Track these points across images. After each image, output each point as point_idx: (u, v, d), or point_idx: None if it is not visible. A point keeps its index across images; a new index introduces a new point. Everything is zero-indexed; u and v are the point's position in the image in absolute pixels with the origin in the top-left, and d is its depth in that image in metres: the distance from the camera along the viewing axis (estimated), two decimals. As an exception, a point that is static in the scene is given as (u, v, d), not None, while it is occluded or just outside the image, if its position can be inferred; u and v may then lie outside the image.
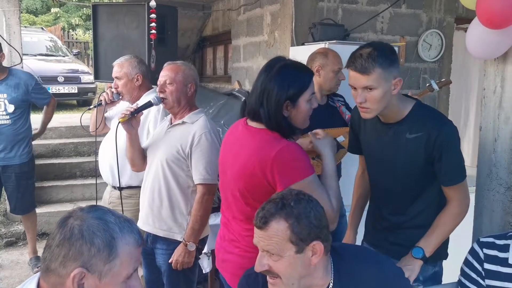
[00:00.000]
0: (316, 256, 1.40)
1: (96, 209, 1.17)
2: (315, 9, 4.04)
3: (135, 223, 1.22)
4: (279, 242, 1.37)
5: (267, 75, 1.82)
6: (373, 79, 1.78)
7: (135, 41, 4.09)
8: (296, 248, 1.37)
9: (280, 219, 1.37)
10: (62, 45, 11.45)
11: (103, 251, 1.11)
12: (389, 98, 1.83)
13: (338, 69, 2.89)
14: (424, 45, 4.50)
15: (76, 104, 9.97)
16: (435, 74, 4.65)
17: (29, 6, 17.36)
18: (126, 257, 1.14)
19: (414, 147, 1.87)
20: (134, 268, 1.18)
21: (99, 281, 1.12)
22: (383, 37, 4.35)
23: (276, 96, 1.77)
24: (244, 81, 5.37)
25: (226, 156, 1.94)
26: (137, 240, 1.18)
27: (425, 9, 4.52)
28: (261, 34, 4.85)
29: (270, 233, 1.37)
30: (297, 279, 1.41)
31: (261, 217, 1.39)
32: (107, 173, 3.05)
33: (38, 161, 5.64)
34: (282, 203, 1.39)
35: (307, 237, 1.38)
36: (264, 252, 1.41)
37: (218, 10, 6.32)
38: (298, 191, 1.46)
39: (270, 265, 1.40)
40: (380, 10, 4.16)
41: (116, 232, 1.14)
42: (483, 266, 1.73)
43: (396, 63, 1.83)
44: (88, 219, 1.13)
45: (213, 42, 6.92)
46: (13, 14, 5.24)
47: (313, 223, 1.39)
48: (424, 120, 1.87)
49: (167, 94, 2.46)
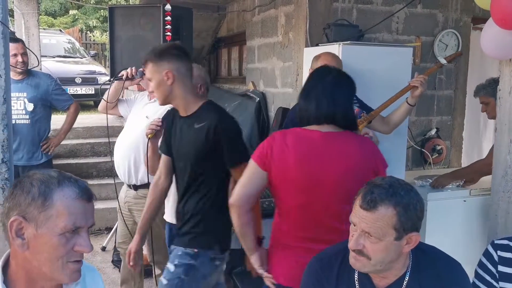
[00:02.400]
0: (409, 246, 1.47)
1: (48, 169, 1.24)
2: (329, 10, 4.03)
3: (83, 182, 1.23)
4: (382, 226, 1.42)
5: (329, 82, 1.93)
6: (148, 70, 2.27)
7: (151, 43, 4.11)
8: (396, 235, 1.43)
9: (390, 205, 1.42)
10: (80, 46, 11.61)
11: (37, 200, 1.15)
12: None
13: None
14: (440, 45, 4.46)
15: (93, 105, 10.09)
16: (451, 75, 4.60)
17: (48, 8, 17.60)
18: (62, 208, 1.16)
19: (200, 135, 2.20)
20: (75, 222, 1.17)
21: (36, 231, 1.15)
22: (398, 37, 4.32)
23: (349, 98, 1.96)
24: (258, 82, 5.38)
25: (311, 171, 1.85)
26: (77, 193, 1.19)
27: (441, 9, 4.47)
28: (275, 35, 4.86)
29: (376, 216, 1.42)
30: (386, 263, 1.47)
31: (370, 200, 1.43)
32: (123, 170, 3.10)
33: (56, 161, 5.72)
34: (392, 190, 1.44)
35: (409, 227, 1.44)
36: (363, 232, 1.44)
37: (233, 11, 6.34)
38: (405, 182, 1.50)
39: (366, 246, 1.44)
40: (395, 10, 4.13)
41: (54, 183, 1.17)
42: (497, 268, 1.72)
43: (167, 57, 2.24)
44: (33, 175, 1.19)
45: (228, 43, 6.95)
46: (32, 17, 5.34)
47: (417, 215, 1.45)
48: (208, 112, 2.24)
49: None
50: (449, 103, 4.63)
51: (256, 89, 5.36)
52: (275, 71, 4.88)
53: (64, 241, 1.16)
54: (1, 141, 1.84)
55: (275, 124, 4.52)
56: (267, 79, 5.12)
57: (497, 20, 1.86)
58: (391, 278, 1.53)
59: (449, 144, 4.65)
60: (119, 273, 3.71)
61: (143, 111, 3.12)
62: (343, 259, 1.57)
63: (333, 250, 1.65)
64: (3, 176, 1.85)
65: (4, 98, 1.84)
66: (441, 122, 4.60)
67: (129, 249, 2.54)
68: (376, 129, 3.07)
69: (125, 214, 3.19)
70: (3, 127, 1.84)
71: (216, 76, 7.37)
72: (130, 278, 3.33)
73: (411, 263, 1.55)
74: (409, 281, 1.53)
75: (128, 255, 2.51)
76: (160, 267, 3.25)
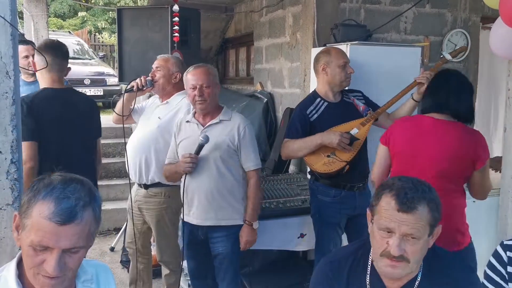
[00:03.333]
0: (433, 239, 1.50)
1: (65, 174, 1.22)
2: (337, 10, 4.03)
3: (70, 202, 1.15)
4: (423, 226, 1.43)
5: (454, 82, 2.40)
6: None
7: (159, 44, 4.14)
8: (430, 231, 1.45)
9: (424, 203, 1.44)
10: (89, 48, 11.69)
11: (24, 205, 1.18)
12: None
13: (344, 62, 2.91)
14: (449, 45, 4.43)
15: (101, 106, 10.16)
16: (460, 74, 4.57)
17: (57, 10, 17.72)
18: (34, 223, 1.14)
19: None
20: (40, 241, 1.13)
21: (21, 232, 1.19)
22: (406, 37, 4.30)
23: (471, 96, 2.39)
24: (266, 83, 5.38)
25: (415, 145, 2.37)
26: (50, 214, 1.12)
27: (450, 8, 4.45)
28: (283, 35, 4.86)
29: (417, 216, 1.42)
30: (420, 262, 1.49)
31: (407, 201, 1.42)
32: (134, 169, 3.12)
33: (65, 162, 5.74)
34: (422, 189, 1.46)
35: (437, 221, 1.47)
36: (403, 236, 1.43)
37: (241, 12, 6.35)
38: (417, 179, 1.52)
39: (406, 249, 1.43)
40: (403, 10, 4.11)
41: (41, 194, 1.16)
42: (506, 269, 1.71)
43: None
44: (49, 177, 1.20)
45: (236, 44, 6.95)
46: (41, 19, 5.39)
47: (440, 209, 1.48)
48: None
49: (205, 97, 2.65)
50: (458, 103, 4.59)
51: (264, 89, 5.36)
52: (283, 72, 4.88)
53: (33, 253, 1.15)
54: (10, 142, 1.86)
55: (282, 125, 4.52)
56: (275, 79, 5.12)
57: (506, 19, 1.85)
58: (403, 280, 1.53)
59: (458, 144, 4.61)
60: (127, 273, 3.72)
61: (155, 113, 3.14)
62: (353, 261, 1.57)
63: (342, 253, 1.65)
64: (12, 176, 1.86)
65: (13, 99, 1.86)
66: (450, 122, 4.56)
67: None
68: (383, 126, 3.07)
69: (135, 213, 3.21)
70: (12, 128, 1.86)
71: (224, 77, 7.38)
72: (138, 278, 3.34)
73: (422, 265, 1.54)
74: (421, 282, 1.52)
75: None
76: (168, 267, 3.26)
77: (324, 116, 2.90)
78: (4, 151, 1.85)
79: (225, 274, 2.75)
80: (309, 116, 2.90)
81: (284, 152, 2.95)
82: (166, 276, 3.29)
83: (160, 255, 3.23)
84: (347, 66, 2.92)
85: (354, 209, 2.91)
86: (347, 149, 2.77)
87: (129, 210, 3.26)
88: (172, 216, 3.17)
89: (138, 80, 3.06)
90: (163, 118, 3.07)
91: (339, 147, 2.75)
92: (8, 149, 1.85)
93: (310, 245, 3.36)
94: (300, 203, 3.41)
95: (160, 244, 3.20)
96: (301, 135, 2.87)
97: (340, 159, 2.81)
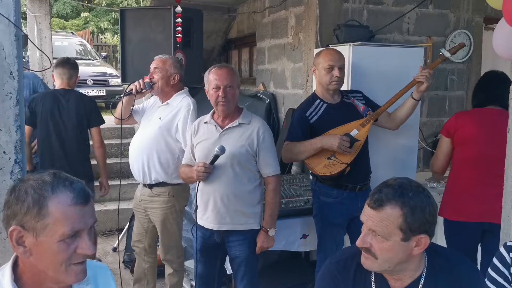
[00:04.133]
0: (418, 248, 1.46)
1: (42, 171, 1.20)
2: (339, 11, 4.03)
3: (80, 183, 1.21)
4: (388, 226, 1.42)
5: (501, 78, 2.92)
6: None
7: (161, 44, 4.15)
8: (403, 236, 1.43)
9: (396, 205, 1.42)
10: (91, 48, 11.70)
11: (32, 209, 1.14)
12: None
13: (329, 66, 2.85)
14: (452, 45, 4.42)
15: (104, 106, 10.16)
16: (463, 75, 4.57)
17: (60, 11, 17.77)
18: (59, 215, 1.15)
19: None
20: (73, 227, 1.17)
21: (35, 239, 1.16)
22: (409, 37, 4.30)
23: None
24: (268, 83, 5.39)
25: (487, 132, 2.77)
26: (72, 198, 1.17)
27: (453, 9, 4.44)
28: (285, 36, 4.86)
29: (382, 215, 1.43)
30: (394, 264, 1.47)
31: (376, 199, 1.44)
32: (138, 169, 3.13)
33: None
34: (401, 191, 1.44)
35: (417, 229, 1.43)
36: (369, 230, 1.46)
37: (243, 13, 6.35)
38: (418, 184, 1.50)
39: (373, 244, 1.45)
40: (406, 10, 4.11)
41: (47, 191, 1.16)
42: (509, 270, 1.70)
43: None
44: (28, 181, 1.18)
45: (238, 45, 6.96)
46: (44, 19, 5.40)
47: (426, 218, 1.44)
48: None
49: (229, 98, 2.60)
50: (460, 104, 4.59)
51: (266, 90, 5.36)
52: (285, 72, 4.88)
53: (65, 246, 1.17)
54: (14, 142, 1.87)
55: (285, 125, 4.52)
56: (277, 80, 5.12)
57: (509, 20, 1.84)
58: (407, 280, 1.53)
59: (461, 145, 4.60)
60: (130, 273, 3.73)
61: (156, 114, 3.15)
62: (359, 261, 1.57)
63: (349, 252, 1.65)
64: (16, 176, 1.87)
65: (17, 99, 1.87)
66: (452, 123, 4.56)
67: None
68: (383, 126, 3.06)
69: (140, 213, 3.21)
70: (16, 128, 1.87)
71: (227, 78, 7.37)
72: (143, 277, 3.36)
73: (426, 266, 1.54)
74: (425, 283, 1.52)
75: None
76: (172, 266, 3.27)
77: (324, 118, 2.89)
78: (8, 151, 1.86)
79: (243, 276, 2.75)
80: (309, 118, 2.89)
81: (285, 156, 2.94)
82: (169, 275, 3.30)
83: (164, 253, 3.24)
84: (334, 69, 2.84)
85: (356, 210, 2.90)
86: (348, 152, 2.77)
87: (135, 209, 3.28)
88: (177, 215, 3.18)
89: (137, 83, 3.06)
90: (164, 119, 3.08)
91: (339, 150, 2.74)
92: (12, 149, 1.86)
93: (312, 246, 3.36)
94: (303, 204, 3.41)
95: (164, 242, 3.21)
96: (302, 138, 2.86)
97: (341, 161, 2.80)
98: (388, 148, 3.37)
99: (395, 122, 3.06)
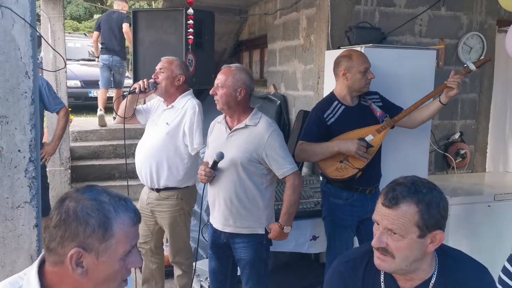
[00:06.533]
0: (434, 245, 1.47)
1: (91, 190, 1.20)
2: (351, 13, 4.02)
3: (130, 201, 1.24)
4: (405, 224, 1.42)
5: None
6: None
7: (173, 46, 4.17)
8: (419, 233, 1.43)
9: (412, 202, 1.43)
10: (103, 50, 11.76)
11: (98, 231, 1.14)
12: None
13: (365, 68, 2.86)
14: (464, 48, 4.40)
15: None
16: (476, 78, 4.53)
17: (73, 13, 17.94)
18: (121, 236, 1.18)
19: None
20: (131, 245, 1.21)
21: (96, 260, 1.16)
22: (421, 40, 4.28)
23: None
24: (279, 85, 5.39)
25: None
26: (133, 219, 1.21)
27: (466, 11, 4.41)
28: (297, 38, 4.86)
29: (398, 213, 1.43)
30: (410, 262, 1.47)
31: (392, 197, 1.44)
32: (145, 175, 3.12)
33: (80, 162, 5.82)
34: (414, 188, 1.45)
35: (433, 225, 1.44)
36: (385, 229, 1.45)
37: (255, 15, 6.37)
38: (428, 180, 1.51)
39: (389, 243, 1.45)
40: (418, 12, 4.09)
41: (111, 212, 1.17)
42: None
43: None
44: (82, 200, 1.16)
45: (250, 46, 6.97)
46: (58, 21, 5.46)
47: (441, 213, 1.46)
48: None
49: (218, 98, 2.59)
50: (473, 106, 4.55)
51: (277, 92, 5.36)
52: (297, 74, 4.88)
53: (123, 264, 1.20)
54: (28, 140, 1.89)
55: (295, 127, 4.52)
56: (288, 82, 5.12)
57: (523, 21, 1.83)
58: (417, 280, 1.53)
59: (473, 148, 4.57)
60: (138, 273, 3.75)
61: (162, 118, 3.14)
62: (368, 261, 1.57)
63: (358, 252, 1.65)
64: (30, 174, 1.89)
65: (32, 98, 1.89)
66: (465, 126, 4.52)
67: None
68: (400, 125, 3.03)
69: (147, 215, 3.22)
70: (31, 127, 1.89)
71: (237, 79, 7.39)
72: (151, 278, 3.36)
73: (437, 267, 1.54)
74: (435, 284, 1.52)
75: None
76: (181, 268, 3.28)
77: (341, 120, 2.88)
78: (23, 149, 1.88)
79: (248, 279, 2.76)
80: (326, 119, 2.88)
81: (299, 155, 2.93)
82: (179, 277, 3.31)
83: (173, 256, 3.24)
84: (368, 71, 2.87)
85: (366, 212, 2.90)
86: (365, 158, 2.76)
87: (141, 211, 3.29)
88: (185, 217, 3.18)
89: (141, 82, 3.06)
90: (171, 124, 3.06)
91: (357, 155, 2.74)
92: (27, 148, 1.89)
93: (322, 248, 3.35)
94: (313, 205, 3.40)
95: (173, 245, 3.21)
96: (318, 139, 2.85)
97: (353, 165, 2.80)
98: (399, 151, 3.35)
99: (415, 122, 3.03)
